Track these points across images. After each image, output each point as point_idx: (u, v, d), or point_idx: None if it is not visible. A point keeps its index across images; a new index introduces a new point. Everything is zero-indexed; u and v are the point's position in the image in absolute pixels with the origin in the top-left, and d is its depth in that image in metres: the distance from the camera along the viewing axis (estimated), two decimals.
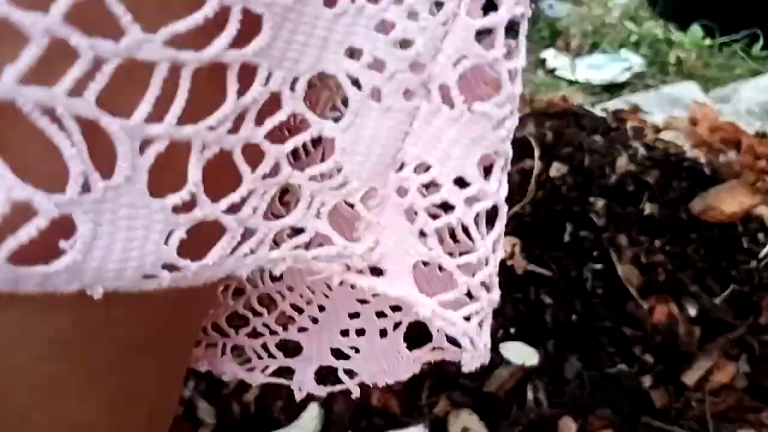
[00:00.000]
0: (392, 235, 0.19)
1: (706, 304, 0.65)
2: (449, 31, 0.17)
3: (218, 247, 0.16)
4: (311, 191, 0.17)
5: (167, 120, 0.14)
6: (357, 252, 0.19)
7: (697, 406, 0.59)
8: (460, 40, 0.17)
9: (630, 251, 0.68)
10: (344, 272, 0.19)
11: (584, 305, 0.66)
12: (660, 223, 0.71)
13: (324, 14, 0.15)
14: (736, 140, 0.97)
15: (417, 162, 0.18)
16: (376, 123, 0.17)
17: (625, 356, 0.63)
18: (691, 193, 0.74)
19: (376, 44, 0.16)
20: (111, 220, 0.14)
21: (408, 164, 0.18)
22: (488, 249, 0.19)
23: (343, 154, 0.17)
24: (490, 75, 0.18)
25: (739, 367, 0.62)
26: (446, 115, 0.17)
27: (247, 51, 0.14)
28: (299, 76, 0.16)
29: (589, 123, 0.85)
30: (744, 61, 1.38)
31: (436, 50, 0.17)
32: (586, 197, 0.72)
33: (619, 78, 1.32)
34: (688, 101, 1.16)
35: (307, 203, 0.18)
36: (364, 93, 0.17)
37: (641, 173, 0.75)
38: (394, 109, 0.17)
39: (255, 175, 0.16)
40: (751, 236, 0.70)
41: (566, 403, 0.59)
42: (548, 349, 0.63)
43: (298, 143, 0.17)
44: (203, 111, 0.14)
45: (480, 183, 0.18)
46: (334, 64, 0.16)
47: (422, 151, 0.18)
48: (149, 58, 0.13)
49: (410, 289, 0.19)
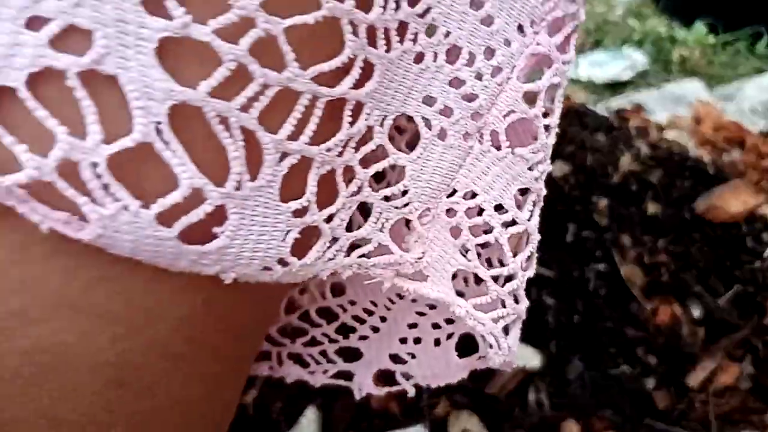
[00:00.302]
0: (436, 247, 0.23)
1: (710, 305, 0.65)
2: (503, 90, 0.21)
3: (314, 249, 0.19)
4: (381, 209, 0.21)
5: (301, 139, 0.17)
6: (409, 260, 0.22)
7: (701, 407, 0.59)
8: (511, 98, 0.21)
9: (633, 251, 0.68)
10: (394, 277, 0.23)
11: (587, 306, 0.66)
12: (663, 223, 0.70)
13: (413, 69, 0.19)
14: (740, 139, 0.96)
15: (466, 189, 0.22)
16: (439, 157, 0.21)
17: (628, 357, 0.63)
18: (695, 193, 0.73)
19: (448, 95, 0.20)
20: (251, 215, 0.17)
21: (459, 191, 0.22)
22: (518, 266, 0.23)
23: (411, 180, 0.21)
24: (531, 127, 0.22)
25: (743, 369, 0.62)
26: (493, 155, 0.22)
27: (362, 92, 0.18)
28: (388, 116, 0.19)
29: (591, 122, 0.84)
30: (748, 59, 1.37)
31: (492, 104, 0.21)
32: (589, 197, 0.72)
33: (622, 76, 1.32)
34: (692, 99, 1.15)
35: (376, 218, 0.21)
36: (433, 132, 0.21)
37: (644, 172, 0.74)
38: (454, 147, 0.21)
39: (347, 192, 0.19)
40: (756, 236, 0.70)
41: (568, 404, 0.58)
42: (550, 351, 0.63)
43: (379, 169, 0.20)
44: (322, 135, 0.17)
45: (515, 211, 0.23)
46: (413, 108, 0.20)
47: (471, 182, 0.22)
48: (299, 89, 0.16)
49: (449, 292, 0.23)
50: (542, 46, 0.21)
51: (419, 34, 0.19)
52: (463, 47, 0.20)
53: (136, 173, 0.15)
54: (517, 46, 0.21)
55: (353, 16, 0.16)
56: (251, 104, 0.15)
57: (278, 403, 0.61)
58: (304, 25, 0.15)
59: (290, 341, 0.32)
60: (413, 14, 0.18)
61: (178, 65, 0.14)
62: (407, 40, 0.19)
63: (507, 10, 0.20)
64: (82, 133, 0.14)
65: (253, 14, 0.15)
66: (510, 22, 0.20)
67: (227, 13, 0.14)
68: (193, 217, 0.15)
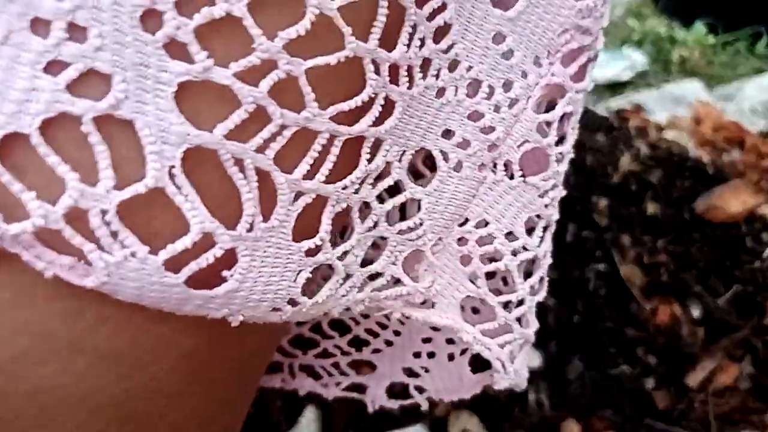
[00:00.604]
0: (445, 275, 0.23)
1: (710, 305, 0.65)
2: (518, 120, 0.21)
3: (326, 288, 0.19)
4: (396, 242, 0.21)
5: (317, 178, 0.16)
6: (420, 290, 0.22)
7: (700, 407, 0.59)
8: (525, 128, 0.21)
9: (633, 251, 0.68)
10: (404, 306, 0.22)
11: (587, 306, 0.66)
12: (663, 223, 0.70)
13: (434, 104, 0.19)
14: (739, 139, 0.96)
15: (479, 219, 0.22)
16: (454, 188, 0.21)
17: (628, 357, 0.63)
18: (695, 193, 0.73)
19: (466, 128, 0.20)
20: (261, 257, 0.16)
21: (471, 220, 0.22)
22: (526, 291, 0.24)
23: (426, 213, 0.21)
24: (543, 153, 0.23)
25: (742, 369, 0.62)
26: (506, 184, 0.22)
27: (381, 129, 0.18)
28: (407, 150, 0.19)
29: (591, 122, 0.85)
30: (748, 59, 1.37)
31: (507, 134, 0.21)
32: (589, 197, 0.72)
33: (621, 76, 1.32)
34: (692, 99, 1.15)
35: (390, 252, 0.21)
36: (450, 165, 0.21)
37: (644, 173, 0.74)
38: (469, 178, 0.21)
39: (363, 228, 0.19)
40: (755, 236, 0.70)
41: (568, 404, 0.58)
42: (550, 351, 0.63)
43: (396, 203, 0.20)
44: (341, 173, 0.17)
45: (525, 238, 0.23)
46: (432, 142, 0.20)
47: (484, 211, 0.22)
48: (317, 128, 0.16)
49: (457, 319, 0.23)
50: (557, 77, 0.21)
51: (442, 69, 0.19)
52: (484, 81, 0.20)
53: (146, 218, 0.14)
54: (533, 78, 0.21)
55: (376, 55, 0.16)
56: (267, 145, 0.15)
57: (278, 402, 0.61)
58: (326, 64, 0.15)
59: (302, 352, 0.32)
60: (437, 50, 0.18)
61: (195, 108, 0.14)
62: (430, 75, 0.18)
63: (525, 43, 0.20)
64: (93, 179, 0.14)
65: (276, 56, 0.14)
66: (528, 54, 0.21)
67: (249, 56, 0.14)
68: (203, 262, 0.15)
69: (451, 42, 0.18)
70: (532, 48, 0.20)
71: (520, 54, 0.20)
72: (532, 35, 0.20)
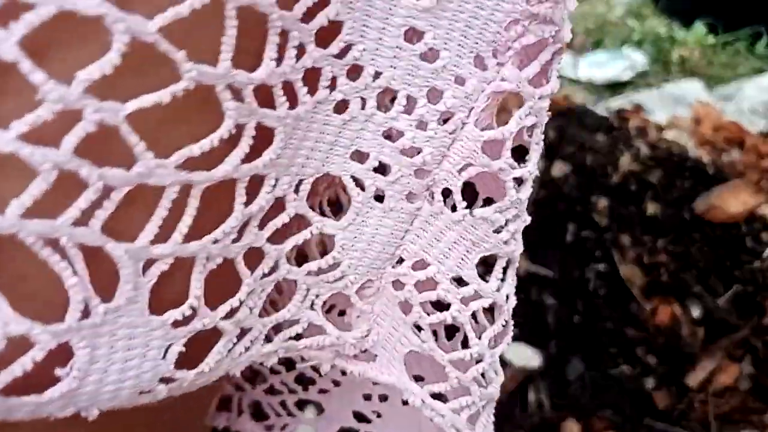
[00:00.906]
0: (384, 323, 0.20)
1: (710, 305, 0.65)
2: (457, 138, 0.17)
3: (214, 352, 0.16)
4: (307, 284, 0.18)
5: (173, 238, 0.14)
6: (349, 340, 0.19)
7: (700, 407, 0.59)
8: (467, 148, 0.17)
9: (633, 251, 0.68)
10: (335, 358, 0.20)
11: (587, 306, 0.66)
12: (663, 223, 0.70)
13: (334, 120, 0.16)
14: (739, 139, 0.96)
15: (415, 259, 0.19)
16: (377, 222, 0.18)
17: (628, 357, 0.63)
18: (695, 193, 0.73)
19: (382, 149, 0.17)
20: (109, 342, 0.14)
21: (406, 260, 0.19)
22: (484, 346, 0.19)
23: (342, 250, 0.18)
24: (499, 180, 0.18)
25: (742, 369, 0.62)
26: (447, 217, 0.18)
27: (258, 164, 0.15)
28: (305, 179, 0.16)
29: (591, 122, 0.85)
30: (748, 59, 1.37)
31: (442, 156, 0.18)
32: (589, 197, 0.72)
33: (621, 76, 1.32)
34: (692, 100, 1.15)
35: (303, 296, 0.18)
36: (368, 194, 0.17)
37: (644, 173, 0.74)
38: (396, 210, 0.18)
39: (254, 277, 0.16)
40: (755, 236, 0.70)
41: (569, 404, 0.58)
42: (550, 351, 0.63)
43: (299, 241, 0.17)
44: (209, 224, 0.14)
45: (477, 283, 0.19)
46: (338, 167, 0.17)
47: (421, 249, 0.19)
48: (161, 182, 0.13)
49: (401, 377, 0.20)
50: (508, 82, 0.17)
51: (338, 78, 0.16)
52: (399, 90, 0.16)
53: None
54: (474, 84, 0.17)
55: (232, 80, 0.13)
56: (91, 215, 0.12)
57: None
58: (157, 103, 0.12)
59: (251, 386, 0.29)
60: (327, 56, 0.15)
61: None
62: (321, 88, 0.15)
63: (457, 40, 0.16)
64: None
65: (77, 104, 0.11)
66: (463, 54, 0.16)
67: (37, 110, 0.11)
68: (17, 370, 0.13)
69: (346, 43, 0.15)
70: (469, 45, 0.16)
71: (449, 54, 0.16)
72: (466, 29, 0.16)
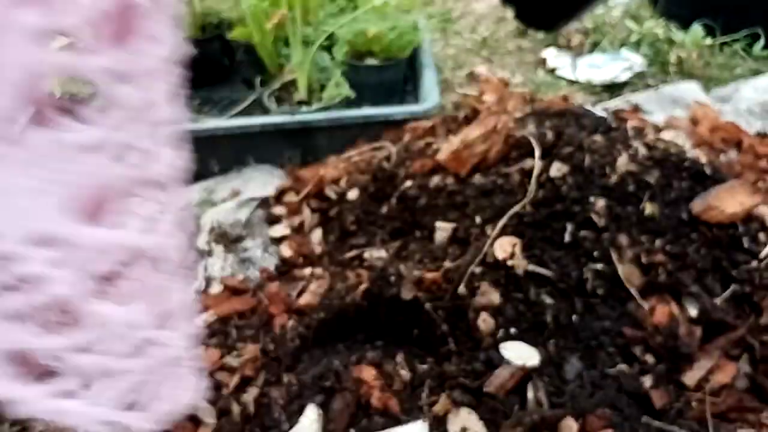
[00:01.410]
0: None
1: (707, 305, 0.65)
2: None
3: None
4: None
5: None
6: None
7: (697, 406, 0.59)
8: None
9: (630, 251, 0.68)
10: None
11: (585, 305, 0.66)
12: (661, 223, 0.71)
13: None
14: (736, 140, 0.97)
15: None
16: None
17: (626, 356, 0.63)
18: (692, 193, 0.73)
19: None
20: None
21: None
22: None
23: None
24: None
25: (739, 368, 0.62)
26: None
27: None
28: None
29: (589, 123, 0.85)
30: (745, 61, 1.37)
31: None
32: (587, 197, 0.72)
33: (619, 77, 1.32)
34: (689, 101, 1.16)
35: None
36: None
37: (642, 173, 0.74)
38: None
39: None
40: (752, 236, 0.70)
41: (567, 403, 0.59)
42: (549, 350, 0.63)
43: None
44: None
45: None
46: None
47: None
48: None
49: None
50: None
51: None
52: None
53: None
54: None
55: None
56: None
57: (279, 400, 0.62)
58: None
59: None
60: None
61: None
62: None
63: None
64: None
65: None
66: None
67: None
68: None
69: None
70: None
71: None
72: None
